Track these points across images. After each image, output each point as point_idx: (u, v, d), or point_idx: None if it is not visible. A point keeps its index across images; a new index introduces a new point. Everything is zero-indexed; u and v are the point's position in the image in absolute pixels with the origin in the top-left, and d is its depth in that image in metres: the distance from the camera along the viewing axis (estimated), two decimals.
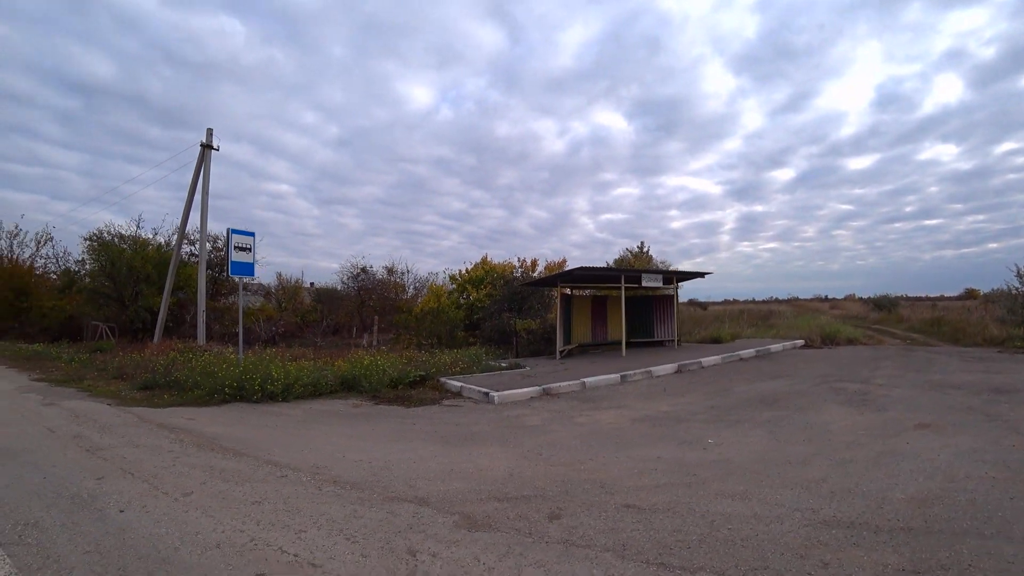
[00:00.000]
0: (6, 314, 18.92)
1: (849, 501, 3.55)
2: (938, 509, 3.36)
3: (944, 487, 3.76)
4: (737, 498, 3.67)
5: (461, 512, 3.57)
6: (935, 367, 10.62)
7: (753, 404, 7.32)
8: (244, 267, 10.08)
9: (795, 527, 3.15)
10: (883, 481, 3.93)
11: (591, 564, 2.74)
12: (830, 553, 2.79)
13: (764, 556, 2.78)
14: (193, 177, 15.14)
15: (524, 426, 6.30)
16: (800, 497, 3.66)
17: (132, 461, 4.89)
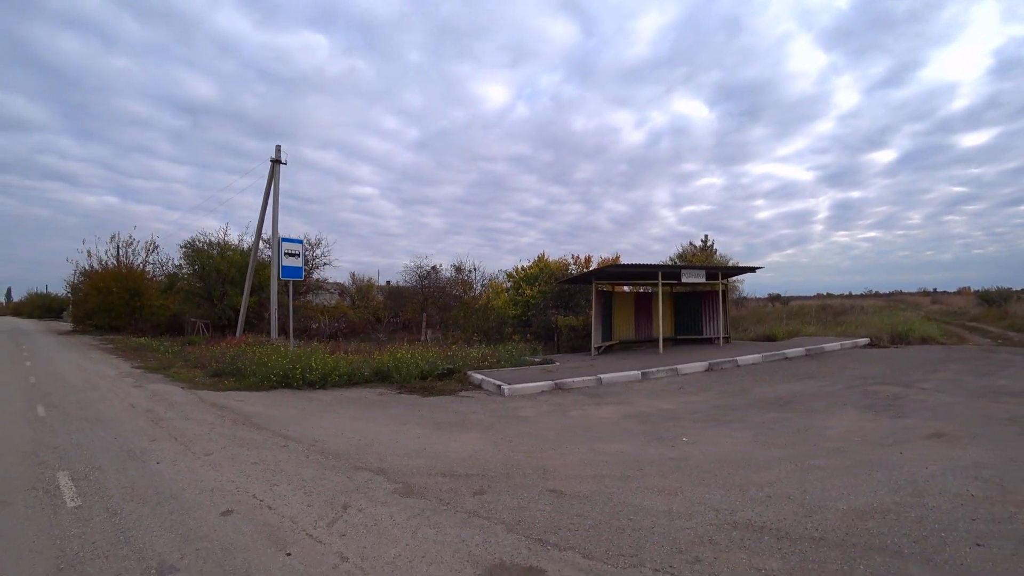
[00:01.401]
0: (123, 312, 22.62)
1: (779, 507, 3.62)
2: (872, 523, 3.31)
3: (901, 501, 3.65)
4: (664, 493, 3.99)
5: (405, 482, 4.39)
6: (1006, 372, 9.79)
7: (762, 405, 7.38)
8: (294, 271, 11.66)
9: (698, 525, 3.36)
10: (836, 490, 3.90)
11: (478, 531, 3.38)
12: (712, 552, 2.98)
13: (641, 547, 3.08)
14: (266, 189, 17.29)
15: (516, 417, 7.01)
16: (729, 498, 3.82)
17: (180, 430, 6.26)
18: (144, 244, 26.81)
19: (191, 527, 3.50)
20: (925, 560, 2.82)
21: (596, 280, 13.38)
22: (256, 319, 20.94)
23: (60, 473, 4.65)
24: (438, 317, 20.53)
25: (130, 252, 26.40)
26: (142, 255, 26.61)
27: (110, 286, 22.32)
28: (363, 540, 3.27)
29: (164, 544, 3.25)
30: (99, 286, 22.75)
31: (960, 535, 3.10)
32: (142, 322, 22.53)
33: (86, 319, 24.05)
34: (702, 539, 3.17)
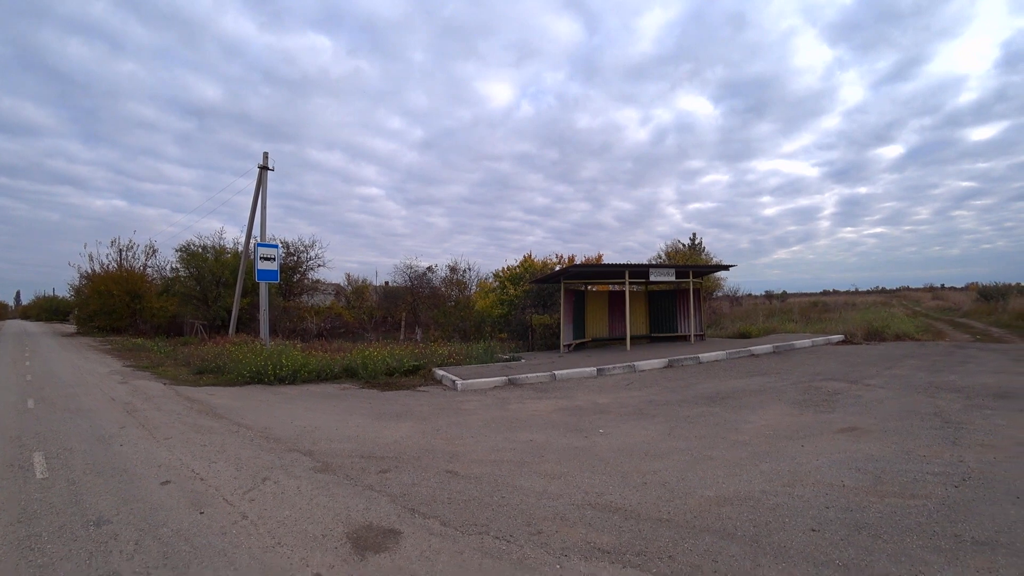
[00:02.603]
0: (124, 314, 23.81)
1: (649, 492, 4.07)
2: (727, 509, 3.68)
3: (769, 490, 4.01)
4: (548, 477, 4.60)
5: (325, 461, 5.17)
6: (962, 367, 10.28)
7: (697, 401, 7.92)
8: (269, 274, 12.56)
9: (561, 505, 3.86)
10: (713, 479, 4.30)
11: (365, 501, 4.09)
12: (556, 527, 3.48)
13: (495, 519, 3.63)
14: (254, 195, 18.21)
15: (457, 409, 7.77)
16: (606, 483, 4.31)
17: (149, 419, 7.12)
18: (144, 248, 28.21)
19: (132, 493, 4.31)
20: (750, 541, 3.18)
21: (564, 280, 14.09)
22: (249, 320, 21.96)
23: (36, 453, 5.51)
24: (430, 317, 21.36)
25: (130, 256, 27.76)
26: (142, 258, 27.96)
27: (111, 289, 23.51)
28: (266, 504, 4.05)
29: (106, 505, 4.06)
30: (100, 289, 23.95)
31: (803, 522, 3.44)
32: (142, 324, 23.68)
33: (88, 321, 25.33)
34: (555, 516, 3.70)
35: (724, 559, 2.99)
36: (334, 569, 3.01)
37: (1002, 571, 2.79)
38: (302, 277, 26.31)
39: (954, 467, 4.46)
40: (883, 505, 3.70)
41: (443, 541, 3.34)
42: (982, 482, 4.11)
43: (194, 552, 3.25)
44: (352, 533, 3.50)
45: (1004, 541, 3.11)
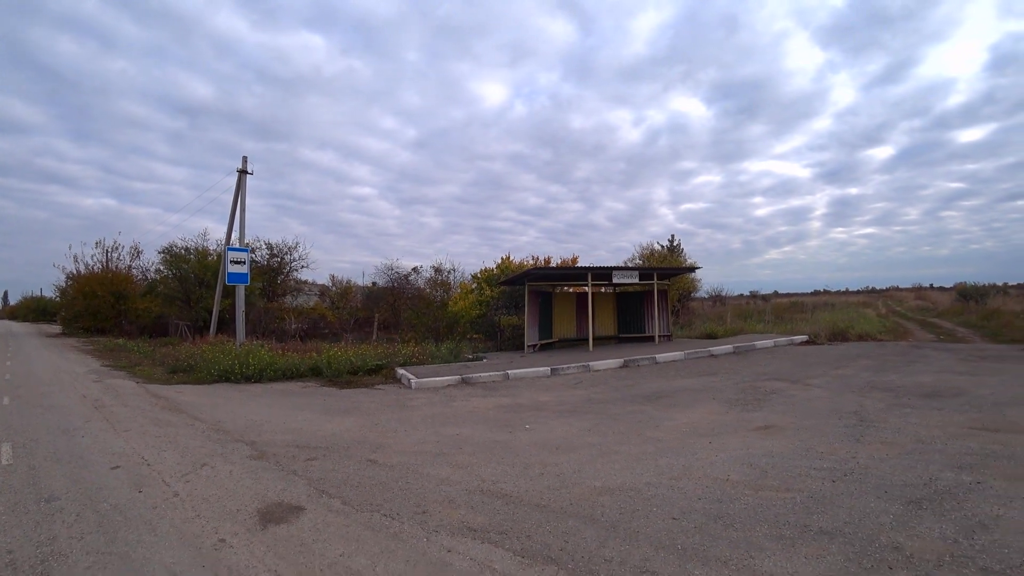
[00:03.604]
0: (108, 314, 24.45)
1: (541, 481, 4.52)
2: (605, 498, 4.07)
3: (654, 482, 4.39)
4: (455, 467, 5.17)
5: (263, 450, 5.83)
6: (909, 367, 10.76)
7: (634, 399, 8.48)
8: (239, 277, 13.26)
9: (455, 490, 4.35)
10: (607, 472, 4.72)
11: (284, 483, 4.72)
12: (441, 508, 3.98)
13: (391, 500, 4.14)
14: (233, 198, 18.85)
15: (403, 405, 8.44)
16: (504, 473, 4.79)
17: (114, 414, 7.77)
18: (129, 249, 28.87)
19: (83, 476, 4.97)
20: (609, 526, 3.57)
21: (528, 282, 14.76)
22: (231, 320, 22.60)
23: (4, 444, 6.15)
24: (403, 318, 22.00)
25: (116, 257, 28.40)
26: (127, 259, 28.60)
27: (95, 290, 24.15)
28: (198, 484, 4.71)
29: (58, 486, 4.72)
30: (85, 290, 24.59)
31: (668, 511, 3.81)
32: (127, 324, 24.33)
33: (73, 322, 25.97)
34: (445, 500, 4.22)
35: (575, 540, 3.41)
36: (237, 536, 3.65)
37: (829, 557, 3.08)
38: (285, 278, 26.96)
39: (843, 463, 4.80)
40: (754, 498, 4.05)
41: (337, 517, 3.99)
42: (860, 477, 4.43)
43: (125, 521, 3.91)
44: (263, 509, 4.15)
45: (848, 531, 3.41)
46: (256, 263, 26.30)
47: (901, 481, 4.30)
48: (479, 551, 3.31)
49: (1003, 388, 8.06)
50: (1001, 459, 4.76)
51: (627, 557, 3.16)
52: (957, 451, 5.05)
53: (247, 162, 18.59)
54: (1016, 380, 8.69)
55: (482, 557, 3.23)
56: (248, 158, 18.46)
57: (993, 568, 2.88)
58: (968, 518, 3.55)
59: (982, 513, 3.62)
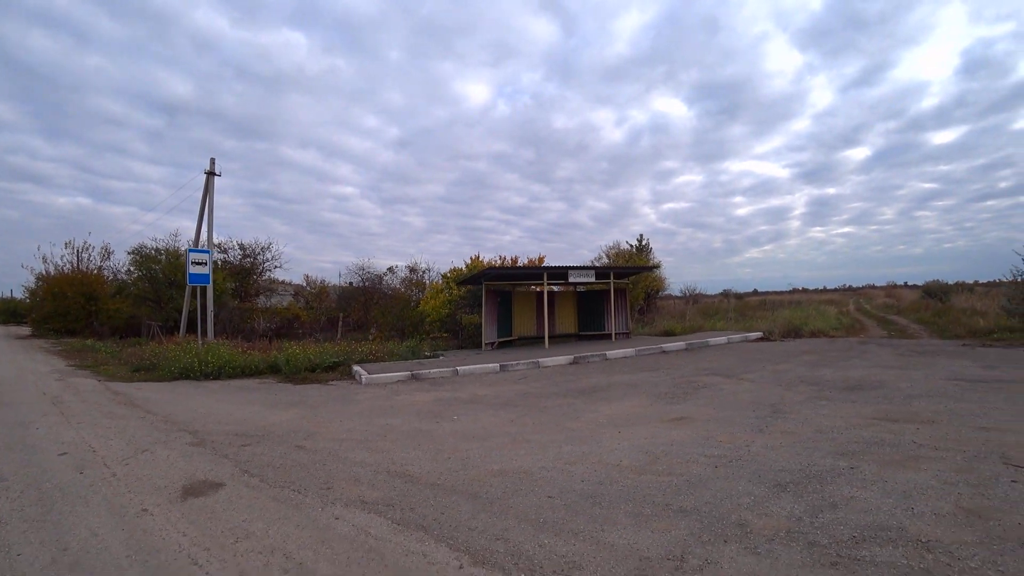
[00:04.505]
0: (79, 316, 24.68)
1: (446, 465, 5.04)
2: (496, 479, 4.54)
3: (549, 466, 4.85)
4: (373, 452, 5.73)
5: (203, 438, 6.43)
6: (845, 362, 11.25)
7: (567, 393, 9.00)
8: (200, 277, 13.80)
9: (365, 471, 4.86)
10: (511, 458, 5.17)
11: (213, 463, 5.34)
12: (345, 485, 4.53)
13: (305, 479, 4.77)
14: (202, 200, 19.29)
15: (348, 399, 9.05)
16: (415, 457, 5.34)
17: (71, 409, 8.31)
18: (100, 249, 29.08)
19: (32, 461, 5.54)
20: (487, 502, 4.03)
21: (485, 281, 15.43)
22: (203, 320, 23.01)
23: None
24: (369, 317, 22.58)
25: (86, 257, 28.60)
26: (97, 260, 28.82)
27: (65, 291, 24.37)
28: (136, 466, 5.31)
29: (8, 469, 5.27)
30: (54, 291, 24.79)
31: (548, 490, 4.22)
32: (98, 326, 24.56)
33: (43, 323, 26.12)
34: (351, 478, 4.77)
35: (452, 512, 3.88)
36: (159, 507, 4.26)
37: (674, 531, 3.42)
38: (258, 278, 27.39)
39: (734, 451, 5.15)
40: (634, 481, 4.41)
41: (252, 491, 4.60)
42: (744, 463, 4.76)
43: (63, 497, 4.50)
44: (188, 485, 4.76)
45: (704, 510, 3.74)
46: (229, 263, 26.72)
47: (780, 467, 4.64)
48: (362, 519, 3.89)
49: (923, 381, 8.57)
50: (885, 446, 5.13)
51: (490, 527, 3.63)
52: (848, 439, 5.43)
53: (215, 164, 19.05)
54: (938, 373, 9.22)
55: (363, 524, 3.80)
56: (216, 160, 18.94)
57: (820, 542, 3.20)
58: (822, 499, 3.88)
59: (838, 495, 3.95)
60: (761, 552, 3.14)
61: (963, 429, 5.70)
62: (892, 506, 3.71)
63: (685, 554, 3.15)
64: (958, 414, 6.37)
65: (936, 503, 3.75)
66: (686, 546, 3.24)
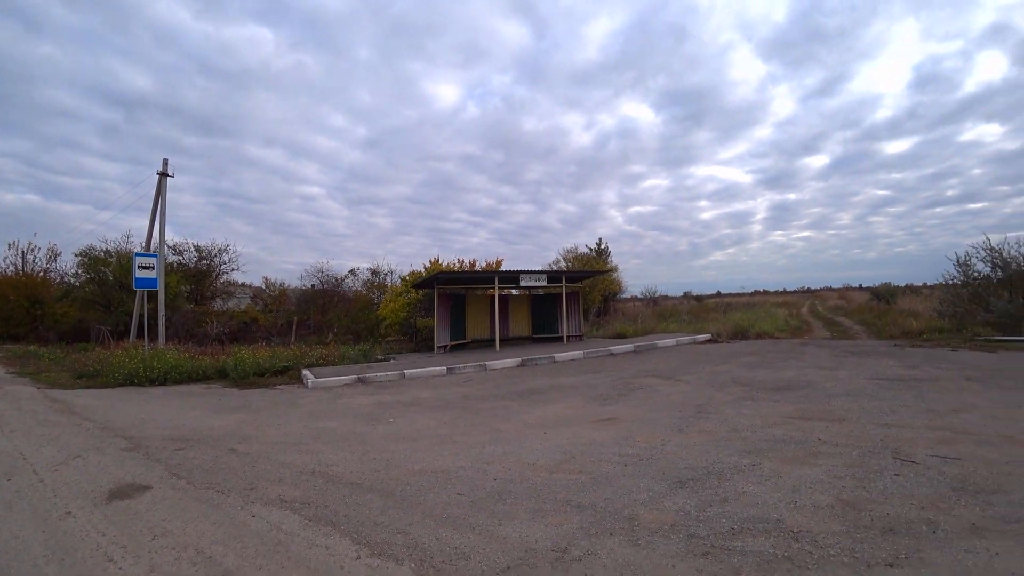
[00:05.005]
0: (22, 320, 23.94)
1: (368, 465, 5.26)
2: (415, 478, 4.75)
3: (467, 465, 5.08)
4: (305, 454, 5.93)
5: (139, 443, 6.58)
6: (783, 363, 11.58)
7: (508, 395, 9.23)
8: (147, 282, 13.76)
9: (290, 472, 5.10)
10: (433, 457, 5.43)
11: (143, 467, 5.53)
12: (269, 485, 4.70)
13: (231, 479, 4.87)
14: (154, 201, 19.06)
15: (292, 403, 9.26)
16: (342, 458, 5.54)
17: (5, 417, 8.30)
18: (46, 250, 28.21)
19: None
20: (399, 499, 4.26)
21: (438, 285, 15.75)
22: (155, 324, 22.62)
23: None
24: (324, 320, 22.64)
25: (32, 259, 27.73)
26: (43, 262, 27.97)
27: (8, 294, 23.59)
28: (65, 473, 5.45)
29: None
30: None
31: (458, 488, 4.46)
32: (44, 330, 23.89)
33: None
34: (276, 479, 4.97)
35: (363, 509, 4.09)
36: (82, 510, 4.45)
37: (567, 525, 3.62)
38: (214, 281, 27.05)
39: (649, 450, 5.38)
40: (545, 479, 4.62)
41: (177, 493, 4.81)
42: (653, 462, 4.98)
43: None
44: (114, 489, 4.95)
45: (600, 505, 3.93)
46: (184, 265, 26.31)
47: (686, 465, 4.85)
48: (277, 516, 4.12)
49: (847, 381, 8.91)
50: (791, 444, 5.37)
51: (395, 522, 3.84)
52: (759, 438, 5.65)
53: (167, 165, 18.86)
54: (863, 373, 9.65)
55: (277, 520, 4.04)
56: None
57: (699, 534, 3.40)
58: (716, 495, 4.07)
59: (732, 490, 4.14)
60: (641, 543, 3.34)
61: (868, 426, 6.03)
62: (778, 500, 3.96)
63: (569, 546, 3.36)
64: (868, 412, 6.72)
65: (819, 496, 4.00)
66: (572, 538, 3.45)
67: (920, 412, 6.58)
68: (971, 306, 17.50)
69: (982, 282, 18.06)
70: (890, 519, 3.56)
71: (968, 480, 4.23)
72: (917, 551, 3.12)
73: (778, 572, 2.93)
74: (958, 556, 3.04)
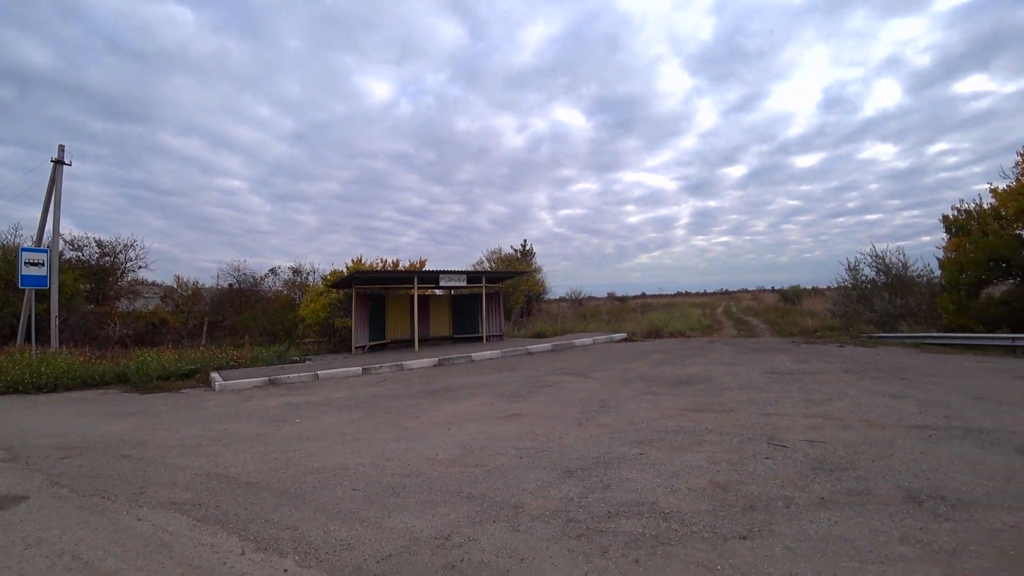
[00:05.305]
0: None
1: (266, 465, 5.30)
2: (311, 476, 4.82)
3: (366, 463, 5.17)
4: (202, 456, 5.82)
5: (17, 454, 6.23)
6: (689, 360, 12.29)
7: (419, 395, 9.31)
8: (36, 280, 12.85)
9: (185, 475, 5.06)
10: (334, 455, 5.50)
11: (23, 477, 5.26)
12: (158, 489, 4.67)
13: (119, 485, 4.81)
14: (47, 191, 17.64)
15: (195, 407, 9.02)
16: (240, 459, 5.56)
17: None
18: None
19: None
20: (293, 496, 4.55)
21: (355, 285, 15.65)
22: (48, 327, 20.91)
23: None
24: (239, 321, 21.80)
25: None
26: None
27: None
28: None
29: None
30: None
31: (355, 484, 4.57)
32: None
33: None
34: (169, 482, 4.90)
35: (255, 507, 4.14)
36: None
37: (453, 514, 3.78)
38: (119, 280, 25.30)
39: (546, 443, 5.55)
40: (441, 473, 4.75)
41: (57, 502, 4.66)
42: (547, 453, 5.16)
43: None
44: None
45: (490, 495, 4.13)
46: (84, 262, 24.38)
47: (579, 456, 5.04)
48: (164, 519, 4.09)
49: (743, 375, 9.42)
50: (680, 434, 5.64)
51: (286, 518, 3.89)
52: (653, 429, 5.89)
53: (64, 151, 17.52)
54: (759, 368, 10.40)
55: (163, 522, 4.02)
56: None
57: (578, 518, 3.58)
58: (601, 482, 4.24)
59: (617, 478, 4.32)
60: (521, 529, 3.52)
61: (752, 416, 6.41)
62: (657, 485, 4.20)
63: (452, 533, 3.51)
64: (756, 403, 7.16)
65: (695, 480, 4.26)
66: (457, 527, 3.59)
67: (800, 402, 7.13)
68: (859, 306, 19.52)
69: (868, 285, 20.21)
70: (753, 498, 3.88)
71: (827, 460, 4.67)
72: (770, 524, 3.43)
73: (643, 549, 3.16)
74: (803, 526, 3.38)
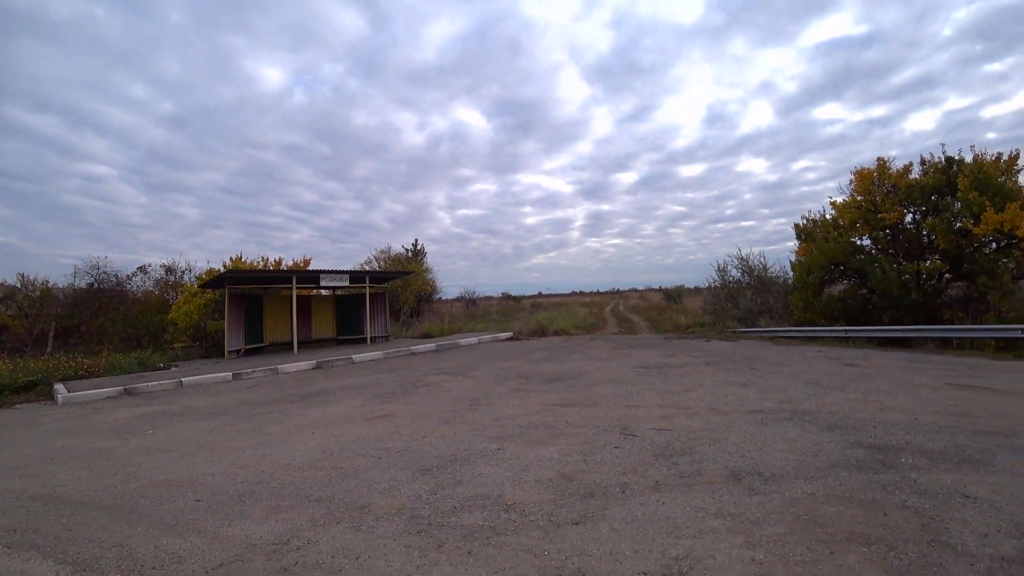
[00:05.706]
0: None
1: (104, 481, 5.06)
2: (155, 489, 4.66)
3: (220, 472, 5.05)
4: (30, 477, 5.31)
5: None
6: (567, 357, 12.50)
7: (289, 399, 9.08)
8: None
9: (5, 499, 5.27)
10: (183, 466, 5.35)
11: None
12: None
13: None
14: None
15: (31, 423, 8.30)
16: (79, 476, 5.38)
17: None
18: None
19: None
20: (127, 512, 4.18)
21: (229, 285, 14.94)
22: None
23: None
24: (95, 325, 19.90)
25: None
26: None
27: None
28: None
29: None
30: None
31: (200, 495, 4.46)
32: None
33: None
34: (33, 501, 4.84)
35: (83, 527, 3.96)
36: None
37: (297, 518, 3.76)
38: None
39: (409, 443, 5.62)
40: (294, 477, 4.76)
41: None
42: (406, 453, 5.25)
43: None
44: None
45: (339, 497, 4.15)
46: None
47: (437, 454, 5.10)
48: None
49: (614, 370, 9.69)
50: (541, 428, 5.75)
51: (114, 536, 3.73)
52: (516, 425, 6.01)
53: None
54: (630, 363, 10.84)
55: None
56: None
57: (422, 515, 3.63)
58: (453, 479, 4.31)
59: (470, 473, 4.40)
60: (363, 528, 3.51)
61: (613, 409, 6.59)
62: (506, 478, 4.26)
63: (292, 538, 3.47)
64: (619, 396, 7.36)
65: (543, 472, 4.35)
66: (298, 531, 3.55)
67: (660, 394, 7.44)
68: (726, 304, 21.79)
69: (734, 285, 22.62)
70: (594, 485, 4.02)
71: (669, 447, 4.89)
72: (603, 509, 3.57)
73: (478, 540, 3.22)
74: (633, 509, 3.54)
